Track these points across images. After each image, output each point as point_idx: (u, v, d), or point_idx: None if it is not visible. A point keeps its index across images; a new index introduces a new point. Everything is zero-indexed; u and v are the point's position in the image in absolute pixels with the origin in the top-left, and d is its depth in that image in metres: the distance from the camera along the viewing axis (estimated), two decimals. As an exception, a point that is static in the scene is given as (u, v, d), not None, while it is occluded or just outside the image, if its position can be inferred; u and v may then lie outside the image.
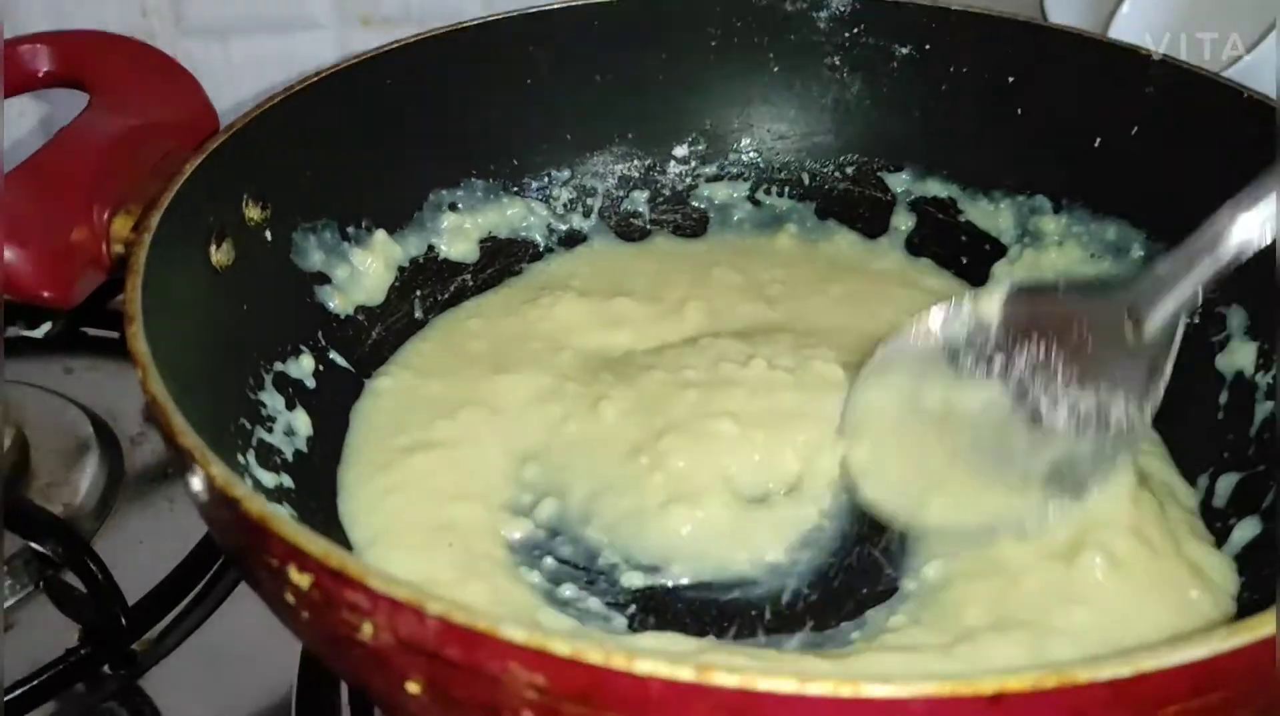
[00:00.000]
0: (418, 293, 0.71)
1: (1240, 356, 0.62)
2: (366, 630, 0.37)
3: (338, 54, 0.92)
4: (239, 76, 0.90)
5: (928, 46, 0.74)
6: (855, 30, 0.75)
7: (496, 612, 0.34)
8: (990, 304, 0.59)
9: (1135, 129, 0.68)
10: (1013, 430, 0.57)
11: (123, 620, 0.62)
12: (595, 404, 0.62)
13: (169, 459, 0.73)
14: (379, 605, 0.35)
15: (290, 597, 0.39)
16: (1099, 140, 0.70)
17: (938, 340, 0.59)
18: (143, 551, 0.68)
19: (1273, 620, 0.34)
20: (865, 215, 0.78)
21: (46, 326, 0.82)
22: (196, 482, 0.41)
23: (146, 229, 0.51)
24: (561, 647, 0.33)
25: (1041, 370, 0.57)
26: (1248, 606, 0.53)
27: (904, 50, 0.75)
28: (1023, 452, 0.56)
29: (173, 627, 0.64)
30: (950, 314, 0.59)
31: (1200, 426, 0.62)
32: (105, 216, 0.56)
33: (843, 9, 0.75)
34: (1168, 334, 0.54)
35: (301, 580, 0.38)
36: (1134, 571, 0.53)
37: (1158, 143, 0.67)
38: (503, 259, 0.75)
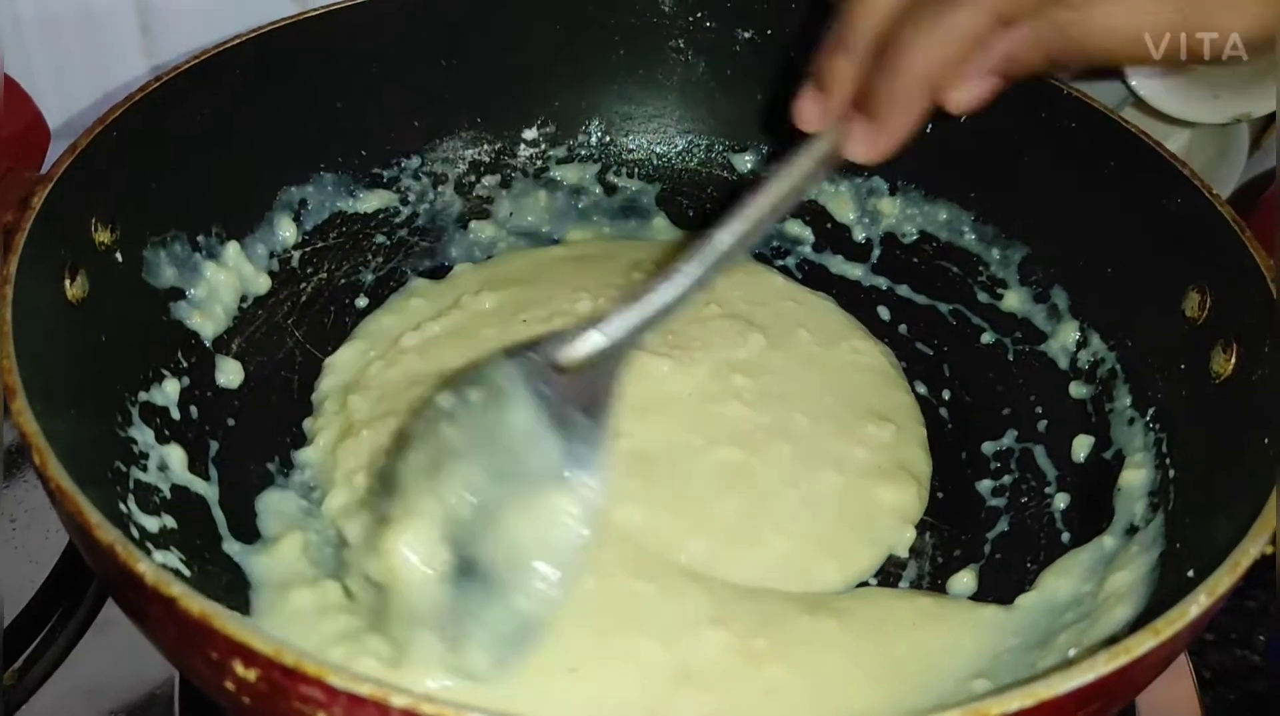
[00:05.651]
0: (272, 300, 0.69)
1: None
2: (320, 718, 0.37)
3: (136, 12, 0.86)
4: (31, 42, 0.83)
5: (769, 31, 0.76)
6: (699, 14, 0.76)
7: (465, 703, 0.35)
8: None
9: (962, 118, 0.72)
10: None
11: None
12: None
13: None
14: (337, 700, 0.36)
15: (230, 685, 0.39)
16: (929, 126, 0.74)
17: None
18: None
19: (1144, 642, 0.39)
20: (713, 195, 0.80)
21: None
22: (119, 577, 0.39)
23: (5, 281, 0.48)
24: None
25: None
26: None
27: (746, 34, 0.76)
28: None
29: (37, 657, 0.60)
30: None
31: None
32: (-53, 261, 0.52)
33: (686, -7, 0.76)
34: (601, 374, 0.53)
35: (247, 673, 0.37)
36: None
37: (982, 131, 0.71)
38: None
